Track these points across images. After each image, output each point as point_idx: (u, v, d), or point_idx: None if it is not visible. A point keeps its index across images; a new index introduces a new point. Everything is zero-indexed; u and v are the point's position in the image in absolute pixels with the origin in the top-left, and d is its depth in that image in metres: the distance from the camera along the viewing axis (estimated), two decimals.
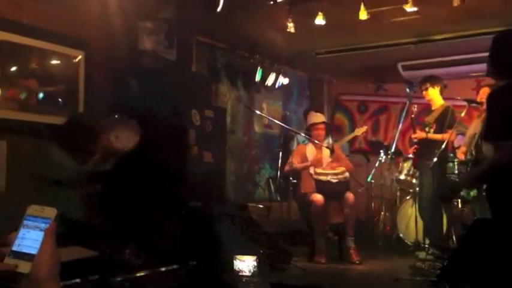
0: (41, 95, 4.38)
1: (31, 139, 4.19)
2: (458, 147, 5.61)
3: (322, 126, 5.77)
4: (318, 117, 5.85)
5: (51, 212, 1.12)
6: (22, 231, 1.09)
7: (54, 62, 4.54)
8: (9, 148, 4.06)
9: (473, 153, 4.90)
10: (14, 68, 4.21)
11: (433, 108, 5.65)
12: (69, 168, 3.76)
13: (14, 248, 1.07)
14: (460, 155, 5.37)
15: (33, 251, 1.05)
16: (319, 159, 5.72)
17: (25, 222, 1.10)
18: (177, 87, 4.95)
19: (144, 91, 4.97)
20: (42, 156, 4.01)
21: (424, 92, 5.66)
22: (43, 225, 1.09)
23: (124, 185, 4.10)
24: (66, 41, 4.57)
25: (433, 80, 5.64)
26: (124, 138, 3.96)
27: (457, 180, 4.95)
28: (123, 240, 3.77)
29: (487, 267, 2.21)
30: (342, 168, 5.58)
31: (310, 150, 5.78)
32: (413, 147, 5.75)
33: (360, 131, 7.27)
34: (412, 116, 5.78)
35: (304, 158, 5.74)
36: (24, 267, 1.04)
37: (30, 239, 1.08)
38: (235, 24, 5.99)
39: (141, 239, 3.69)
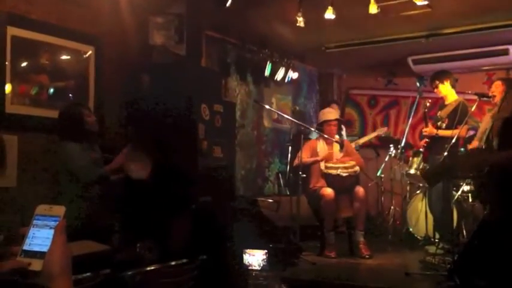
0: (51, 90, 4.41)
1: (42, 134, 4.22)
2: (470, 142, 5.58)
3: (335, 122, 5.76)
4: (331, 114, 5.81)
5: (60, 209, 1.14)
6: (32, 231, 1.12)
7: (65, 57, 4.56)
8: (21, 143, 4.09)
9: (484, 147, 4.88)
10: (25, 64, 4.24)
11: (446, 102, 5.63)
12: (78, 164, 3.79)
13: (25, 247, 1.10)
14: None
15: (44, 249, 1.08)
16: (330, 154, 5.71)
17: (34, 221, 1.13)
18: (187, 82, 4.96)
19: (155, 86, 4.98)
20: (53, 151, 4.05)
21: (435, 90, 5.65)
22: (52, 223, 1.12)
23: (135, 180, 4.13)
24: (77, 36, 4.59)
25: (440, 76, 5.62)
26: (137, 173, 4.03)
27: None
28: (134, 234, 3.80)
29: (497, 261, 2.21)
30: (352, 162, 5.57)
31: (320, 145, 5.77)
32: (423, 141, 5.73)
33: (381, 130, 7.27)
34: (425, 110, 5.76)
35: (314, 153, 5.73)
36: (36, 265, 1.06)
37: (40, 237, 1.10)
38: (244, 19, 5.98)
39: (151, 234, 3.71)
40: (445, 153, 4.89)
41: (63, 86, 4.52)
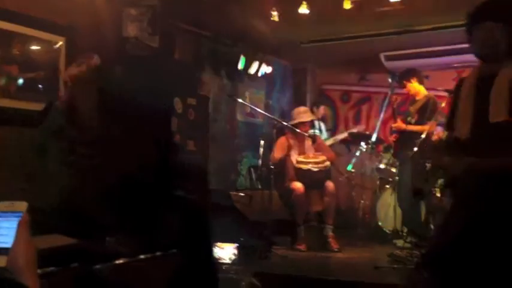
0: (20, 81, 4.34)
1: (10, 125, 4.15)
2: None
3: (310, 123, 5.84)
4: (306, 115, 5.84)
5: (22, 205, 1.14)
6: None
7: (35, 47, 4.49)
8: None
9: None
10: None
11: (416, 98, 5.70)
12: (50, 154, 3.75)
13: None
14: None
15: (8, 245, 1.08)
16: (302, 149, 5.75)
17: None
18: (160, 75, 4.93)
19: (127, 78, 4.93)
20: (21, 142, 3.99)
21: (404, 89, 5.72)
22: (15, 219, 1.11)
23: (105, 172, 4.09)
24: (48, 26, 4.52)
25: (406, 76, 5.69)
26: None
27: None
28: (103, 227, 3.77)
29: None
30: (323, 158, 5.62)
31: (293, 141, 5.80)
32: (393, 136, 5.80)
33: (360, 128, 7.34)
34: (395, 106, 5.83)
35: (286, 148, 5.76)
36: (0, 261, 1.06)
37: (2, 234, 1.10)
38: (219, 12, 5.96)
39: (121, 227, 3.69)
40: (415, 149, 4.97)
41: (33, 77, 4.45)
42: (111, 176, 4.05)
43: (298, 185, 5.41)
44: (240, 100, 6.69)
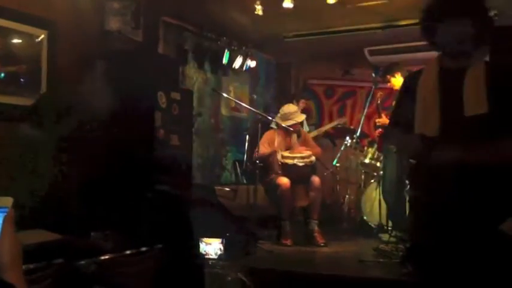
0: (2, 75, 4.27)
1: None
2: None
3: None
4: (300, 116, 5.83)
5: (7, 201, 1.12)
6: None
7: (17, 41, 4.42)
8: None
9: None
10: None
11: None
12: (34, 149, 3.70)
13: None
14: None
15: None
16: (288, 144, 5.75)
17: None
18: (144, 69, 4.88)
19: (110, 72, 4.88)
20: (3, 137, 3.93)
21: (388, 84, 5.73)
22: (0, 215, 1.09)
23: (90, 167, 4.05)
24: (29, 19, 4.44)
25: (390, 70, 5.70)
26: None
27: None
28: (88, 223, 3.74)
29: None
30: (309, 152, 5.63)
31: (278, 136, 5.80)
32: (377, 131, 5.82)
33: (341, 120, 7.35)
34: (378, 101, 5.85)
35: (272, 143, 5.76)
36: None
37: None
38: (203, 6, 5.92)
39: (107, 222, 3.66)
40: None
41: (15, 71, 4.38)
42: (94, 172, 4.02)
43: (284, 180, 5.41)
44: (224, 94, 6.67)
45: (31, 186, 3.66)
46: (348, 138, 6.80)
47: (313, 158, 5.60)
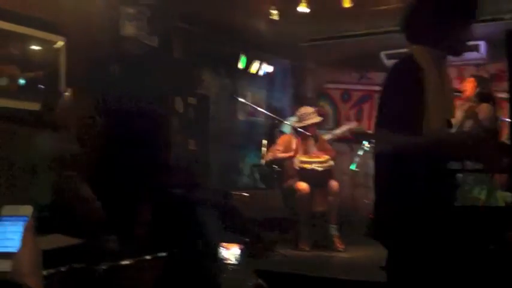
0: (21, 81, 4.31)
1: (12, 125, 4.12)
2: None
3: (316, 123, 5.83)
4: (316, 117, 5.80)
5: (27, 209, 1.13)
6: None
7: (35, 47, 4.46)
8: None
9: None
10: None
11: None
12: (51, 155, 3.71)
13: None
14: None
15: (14, 250, 1.07)
16: (305, 148, 5.72)
17: (1, 223, 1.11)
18: (160, 74, 4.91)
19: (127, 78, 4.92)
20: (22, 142, 3.96)
21: None
22: (20, 224, 1.10)
23: (107, 173, 4.06)
24: (47, 26, 4.49)
25: None
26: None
27: None
28: (105, 228, 3.74)
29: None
30: (327, 157, 5.59)
31: (295, 140, 5.77)
32: None
33: (352, 124, 7.33)
34: None
35: (288, 148, 5.73)
36: (5, 265, 1.06)
37: (8, 238, 1.09)
38: (219, 11, 5.94)
39: (123, 228, 3.66)
40: None
41: (34, 77, 4.42)
42: (109, 176, 4.02)
43: (303, 186, 5.38)
44: (241, 99, 6.67)
45: (49, 191, 3.68)
46: (366, 142, 6.76)
47: (331, 163, 5.57)
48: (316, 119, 5.77)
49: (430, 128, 2.13)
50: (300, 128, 5.71)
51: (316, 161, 5.53)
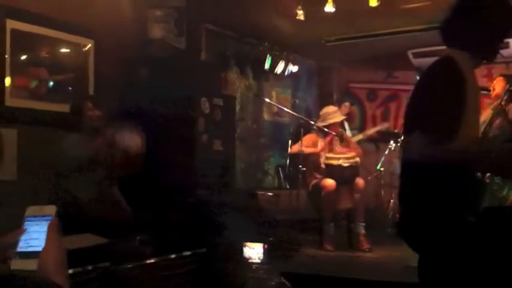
0: (51, 84, 4.41)
1: (42, 127, 4.22)
2: None
3: (340, 123, 5.80)
4: (337, 115, 5.76)
5: (51, 209, 1.17)
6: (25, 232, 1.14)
7: (64, 50, 4.56)
8: (20, 137, 4.09)
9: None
10: (24, 57, 4.24)
11: None
12: (79, 155, 3.79)
13: (19, 249, 1.12)
14: None
15: (39, 249, 1.10)
16: (330, 148, 5.71)
17: (26, 223, 1.15)
18: (186, 76, 4.96)
19: (154, 80, 4.98)
20: (52, 144, 4.05)
21: None
22: (45, 223, 1.13)
23: (134, 173, 4.12)
24: (76, 29, 4.59)
25: None
26: (129, 141, 3.99)
27: None
28: (133, 228, 3.81)
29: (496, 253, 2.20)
30: (353, 153, 5.57)
31: (321, 139, 5.76)
32: None
33: (384, 125, 7.28)
34: None
35: (314, 146, 5.72)
36: (31, 265, 1.08)
37: (33, 238, 1.12)
38: (244, 12, 5.97)
39: (151, 227, 3.72)
40: None
41: (63, 80, 4.52)
42: (137, 176, 4.08)
43: (329, 182, 5.34)
44: (266, 100, 6.69)
45: (77, 192, 3.76)
46: (392, 142, 6.72)
47: (357, 159, 5.53)
48: (338, 118, 5.73)
49: (464, 137, 2.11)
50: (323, 127, 5.70)
51: (343, 156, 5.51)
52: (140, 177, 4.27)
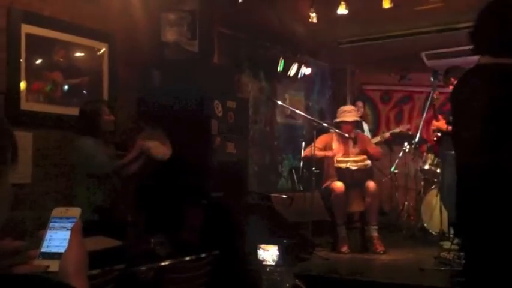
0: (65, 87, 4.45)
1: (57, 131, 4.26)
2: None
3: (353, 123, 5.73)
4: (350, 115, 5.71)
5: (76, 211, 1.18)
6: (49, 233, 1.15)
7: (79, 54, 4.60)
8: (35, 140, 4.13)
9: None
10: (39, 61, 4.28)
11: None
12: (95, 159, 3.82)
13: (43, 250, 1.13)
14: None
15: (62, 250, 1.11)
16: (346, 149, 5.68)
17: (51, 224, 1.16)
18: (200, 79, 4.97)
19: (167, 83, 5.00)
20: (68, 147, 4.09)
21: (450, 87, 5.55)
22: (69, 225, 1.15)
23: (149, 176, 4.15)
24: (90, 33, 4.63)
25: (455, 73, 5.53)
26: (158, 150, 4.04)
27: None
28: (148, 230, 3.82)
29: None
30: (363, 156, 5.53)
31: (335, 141, 5.74)
32: (434, 135, 5.68)
33: (404, 127, 7.25)
34: (434, 103, 5.71)
35: (328, 147, 5.70)
36: (54, 266, 1.09)
37: (57, 239, 1.14)
38: (257, 15, 5.98)
39: (165, 229, 3.74)
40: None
41: (77, 83, 4.55)
42: (151, 179, 4.10)
43: (338, 184, 5.35)
44: (279, 102, 6.69)
45: (91, 194, 3.78)
46: (406, 144, 6.68)
47: (367, 162, 5.50)
48: (349, 117, 5.68)
49: None
50: (335, 123, 5.68)
51: (351, 160, 5.48)
52: (155, 179, 4.29)
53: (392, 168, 6.74)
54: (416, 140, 6.35)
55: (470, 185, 2.28)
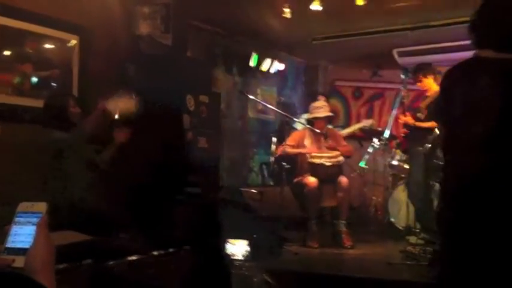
0: (35, 80, 4.39)
1: (25, 124, 4.20)
2: None
3: (326, 119, 5.79)
4: (322, 110, 5.77)
5: (42, 206, 1.17)
6: (15, 228, 1.14)
7: (49, 46, 4.54)
8: (3, 133, 4.07)
9: None
10: (8, 53, 4.21)
11: (427, 94, 5.66)
12: (64, 152, 3.79)
13: (8, 245, 1.12)
14: None
15: (27, 245, 1.10)
16: (318, 144, 5.75)
17: (17, 219, 1.15)
18: (173, 73, 4.96)
19: (141, 76, 4.98)
20: (35, 140, 4.04)
21: (418, 84, 5.65)
22: (35, 220, 1.14)
23: (119, 169, 4.13)
24: (62, 25, 4.56)
25: (424, 70, 5.63)
26: (122, 104, 3.99)
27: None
28: (117, 224, 3.81)
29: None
30: (336, 152, 5.61)
31: (307, 136, 5.79)
32: (402, 131, 5.76)
33: (367, 122, 7.31)
34: (403, 101, 5.79)
35: (301, 144, 5.76)
36: (19, 261, 1.08)
37: (23, 234, 1.12)
38: (231, 9, 5.98)
39: (135, 224, 3.73)
40: (428, 145, 4.95)
41: (47, 76, 4.50)
42: (124, 175, 4.09)
43: (311, 180, 5.40)
44: (251, 97, 6.71)
45: (62, 189, 3.75)
46: (375, 139, 6.77)
47: (340, 158, 5.57)
48: (321, 113, 5.75)
49: None
50: (307, 120, 5.73)
51: (325, 155, 5.55)
52: (125, 172, 4.28)
53: (362, 164, 6.82)
54: (386, 135, 6.44)
55: (473, 183, 2.25)
